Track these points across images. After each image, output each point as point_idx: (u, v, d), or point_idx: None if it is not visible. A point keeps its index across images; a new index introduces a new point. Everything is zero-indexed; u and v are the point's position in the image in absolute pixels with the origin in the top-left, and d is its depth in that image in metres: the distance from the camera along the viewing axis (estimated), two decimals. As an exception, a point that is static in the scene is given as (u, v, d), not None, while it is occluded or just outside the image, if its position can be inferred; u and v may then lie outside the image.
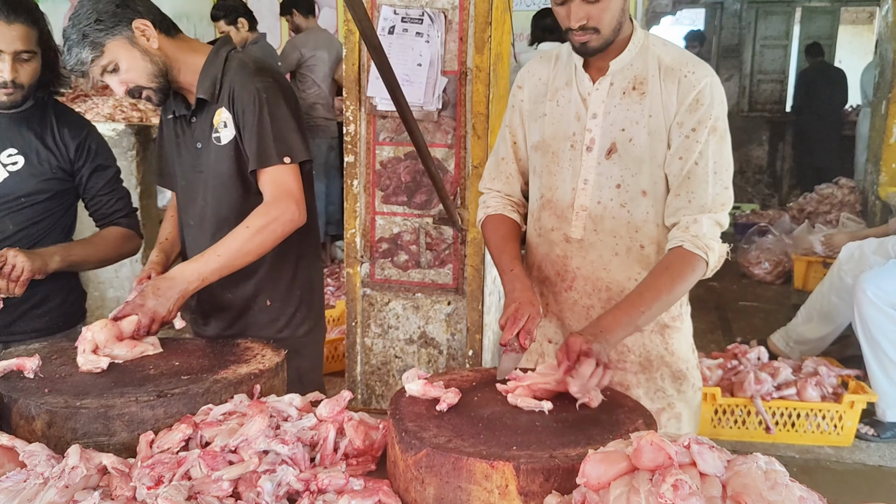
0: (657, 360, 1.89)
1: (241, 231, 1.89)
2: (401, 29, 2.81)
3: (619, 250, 1.84)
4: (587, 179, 1.82)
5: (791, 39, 10.07)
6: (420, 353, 3.05)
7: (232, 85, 1.95)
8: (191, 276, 1.85)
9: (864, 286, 3.65)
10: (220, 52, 1.99)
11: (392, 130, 2.90)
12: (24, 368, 1.58)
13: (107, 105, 4.68)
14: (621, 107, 1.78)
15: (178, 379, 1.58)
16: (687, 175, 1.73)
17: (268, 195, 1.94)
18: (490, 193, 2.00)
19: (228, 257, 1.87)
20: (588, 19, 1.68)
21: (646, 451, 1.05)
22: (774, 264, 6.21)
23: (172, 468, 1.29)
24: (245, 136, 1.94)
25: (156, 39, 1.90)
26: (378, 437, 1.47)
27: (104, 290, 4.71)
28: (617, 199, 1.81)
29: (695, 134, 1.73)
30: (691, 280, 1.72)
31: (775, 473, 1.05)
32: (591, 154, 1.81)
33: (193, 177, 2.06)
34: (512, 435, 1.33)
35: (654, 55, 1.78)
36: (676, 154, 1.75)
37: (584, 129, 1.81)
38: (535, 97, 1.91)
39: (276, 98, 1.95)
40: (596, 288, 1.87)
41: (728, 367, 3.78)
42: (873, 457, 3.51)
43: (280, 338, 2.04)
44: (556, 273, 1.92)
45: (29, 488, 1.25)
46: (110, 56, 1.86)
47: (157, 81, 1.92)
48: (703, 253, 1.70)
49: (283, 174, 1.93)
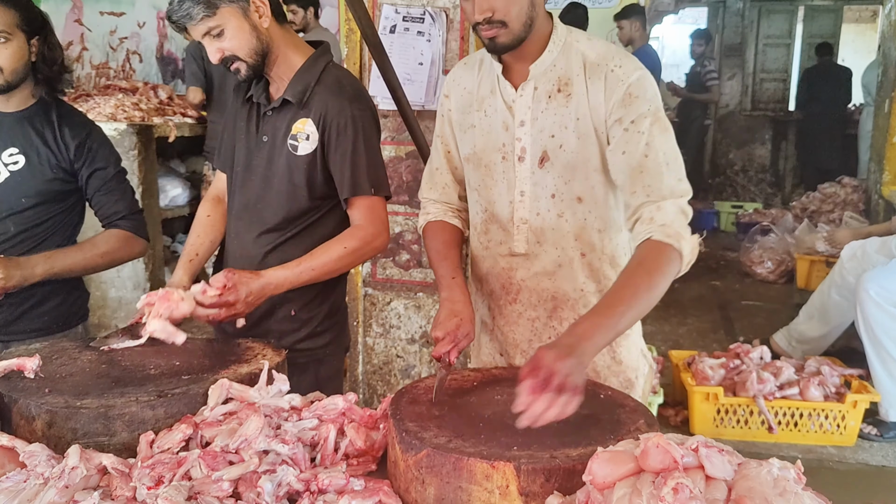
0: (604, 370, 1.84)
1: (338, 250, 1.93)
2: (402, 28, 2.81)
3: (562, 261, 1.78)
4: (523, 191, 1.75)
5: (794, 38, 10.05)
6: (422, 352, 3.04)
7: (326, 102, 1.95)
8: (280, 284, 1.88)
9: (867, 285, 3.64)
10: (319, 61, 1.99)
11: (393, 129, 2.90)
12: (25, 368, 1.57)
13: (108, 105, 4.68)
14: (548, 112, 1.69)
15: (178, 379, 1.58)
16: (639, 169, 1.62)
17: (361, 219, 1.98)
18: (429, 202, 1.95)
19: (320, 273, 1.93)
20: (493, 12, 1.59)
21: (652, 453, 1.05)
22: (777, 263, 6.20)
23: (173, 468, 1.28)
24: (335, 158, 1.95)
25: (268, 20, 1.90)
26: (379, 437, 1.47)
27: (105, 290, 4.71)
28: (554, 210, 1.74)
29: (635, 126, 1.62)
30: (669, 272, 1.56)
31: (786, 481, 1.03)
32: (524, 164, 1.73)
33: (248, 167, 2.03)
34: (512, 435, 1.33)
35: (578, 52, 1.69)
36: (618, 149, 1.64)
37: (514, 138, 1.73)
38: (461, 107, 1.83)
39: (371, 128, 1.99)
40: (541, 299, 1.81)
41: (730, 367, 3.77)
42: (876, 456, 3.50)
43: (300, 348, 2.03)
44: (500, 286, 1.86)
45: (29, 488, 1.24)
46: (220, 20, 1.84)
47: (255, 59, 1.91)
48: (675, 241, 1.56)
49: (376, 203, 1.99)
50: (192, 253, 2.11)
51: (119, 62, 6.83)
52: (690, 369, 3.81)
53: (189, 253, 2.11)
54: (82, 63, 6.86)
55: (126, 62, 6.80)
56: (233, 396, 1.51)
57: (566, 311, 1.81)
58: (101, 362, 1.68)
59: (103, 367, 1.65)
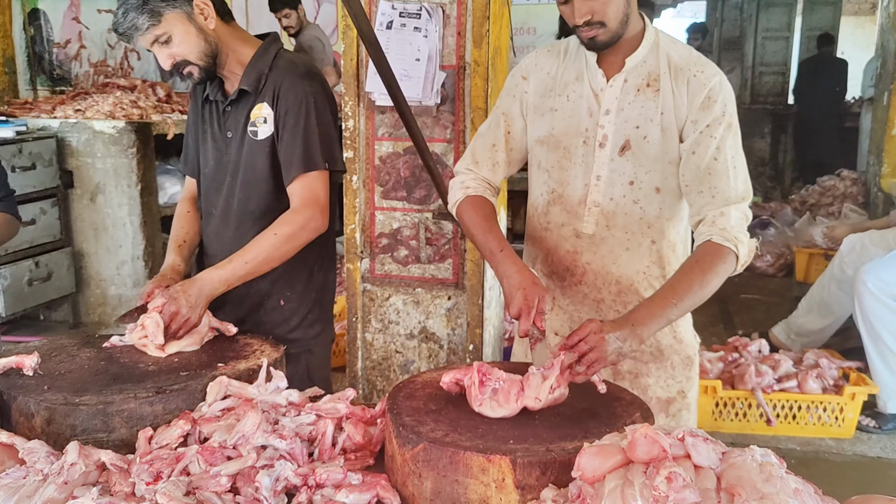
0: (668, 348, 1.92)
1: (269, 238, 1.91)
2: (399, 24, 2.81)
3: (630, 245, 1.85)
4: (600, 176, 1.82)
5: (793, 31, 10.02)
6: (421, 347, 3.05)
7: (279, 83, 1.97)
8: (217, 283, 1.86)
9: (865, 277, 3.64)
10: (270, 49, 2.02)
11: (391, 125, 2.90)
12: (24, 366, 1.58)
13: (107, 103, 4.68)
14: (635, 104, 1.78)
15: (176, 375, 1.59)
16: (707, 171, 1.73)
17: (295, 201, 1.96)
18: (470, 175, 1.95)
19: (255, 264, 1.90)
20: (593, 14, 1.68)
21: (640, 443, 1.06)
22: (776, 257, 6.20)
23: (171, 464, 1.29)
24: (284, 136, 1.95)
25: (213, 20, 1.92)
26: (376, 431, 1.48)
27: (105, 288, 4.72)
28: (630, 196, 1.81)
29: (709, 130, 1.73)
30: (722, 273, 1.70)
31: (770, 466, 1.05)
32: (604, 150, 1.81)
33: (219, 165, 2.05)
34: (509, 429, 1.34)
35: (665, 52, 1.78)
36: (690, 150, 1.75)
37: (597, 125, 1.80)
38: (542, 91, 1.89)
39: (322, 104, 1.99)
40: (606, 282, 1.88)
41: (729, 360, 3.78)
42: (874, 448, 3.51)
43: (291, 338, 2.05)
44: (564, 268, 1.91)
45: (28, 485, 1.25)
46: (166, 27, 1.86)
47: (206, 61, 1.93)
48: (733, 245, 1.69)
49: (313, 181, 1.96)
50: (179, 240, 2.12)
51: (117, 60, 6.83)
52: (689, 363, 3.81)
53: (177, 240, 2.12)
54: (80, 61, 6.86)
55: (124, 60, 6.80)
56: (231, 393, 1.52)
57: (630, 294, 1.88)
58: (100, 359, 1.69)
59: (102, 364, 1.66)
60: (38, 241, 4.44)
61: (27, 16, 6.69)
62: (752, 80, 9.99)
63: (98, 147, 4.52)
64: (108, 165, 4.52)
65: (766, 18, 9.91)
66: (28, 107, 4.99)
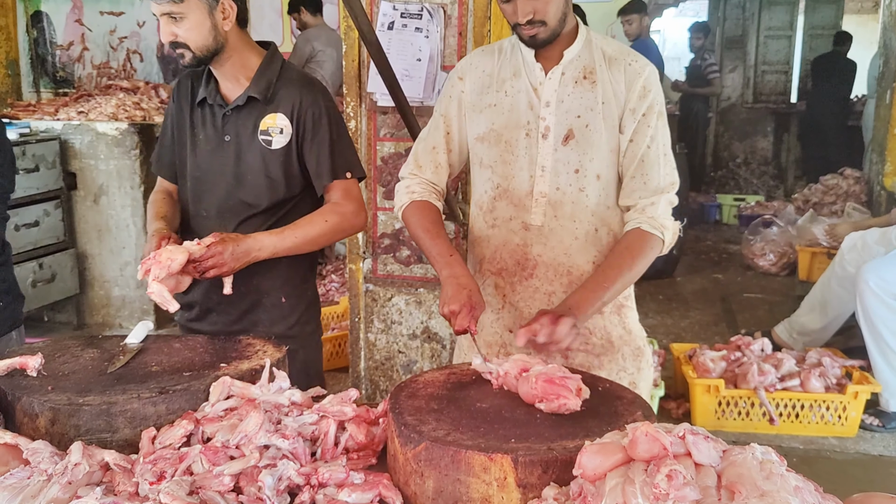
0: (618, 339, 1.95)
1: (319, 222, 2.01)
2: (400, 24, 2.82)
3: (578, 234, 1.89)
4: (545, 166, 1.86)
5: (795, 30, 10.00)
6: (423, 347, 3.06)
7: (296, 96, 2.02)
8: (266, 247, 1.94)
9: (866, 276, 3.64)
10: (275, 59, 2.07)
11: (392, 126, 2.91)
12: (27, 366, 1.59)
13: (110, 104, 4.70)
14: (574, 95, 1.84)
15: (179, 375, 1.60)
16: (641, 158, 1.83)
17: (339, 199, 2.06)
18: (415, 179, 1.99)
19: (303, 241, 2.00)
20: (535, 13, 1.75)
21: (641, 441, 1.06)
22: (779, 255, 6.20)
23: (174, 464, 1.30)
24: (312, 148, 2.03)
25: (231, 23, 1.96)
26: (379, 431, 1.48)
27: (109, 289, 4.73)
28: (576, 185, 1.86)
29: (645, 119, 1.83)
30: (650, 258, 1.83)
31: (771, 463, 1.05)
32: (547, 141, 1.85)
33: (213, 168, 2.06)
34: (510, 427, 1.34)
35: (598, 47, 1.86)
36: (629, 137, 1.83)
37: (538, 117, 1.86)
38: (478, 89, 1.93)
39: (339, 117, 2.09)
40: (557, 273, 1.91)
41: (732, 359, 3.78)
42: (877, 447, 3.51)
43: (290, 335, 2.08)
44: (515, 262, 1.93)
45: (33, 485, 1.26)
46: (185, 8, 1.89)
47: (204, 53, 1.96)
48: (660, 233, 1.82)
49: (352, 185, 2.09)
50: (158, 214, 2.11)
51: (120, 62, 6.84)
52: (692, 362, 3.82)
53: (156, 214, 2.11)
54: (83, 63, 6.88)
55: (127, 62, 6.81)
56: (234, 394, 1.52)
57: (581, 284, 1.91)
58: (104, 360, 1.69)
59: (105, 365, 1.66)
60: (41, 243, 4.46)
61: (30, 18, 6.71)
62: (754, 79, 9.97)
63: (101, 149, 4.54)
64: (111, 167, 4.54)
65: (769, 17, 9.89)
66: (31, 109, 5.01)
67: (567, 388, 1.39)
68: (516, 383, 1.48)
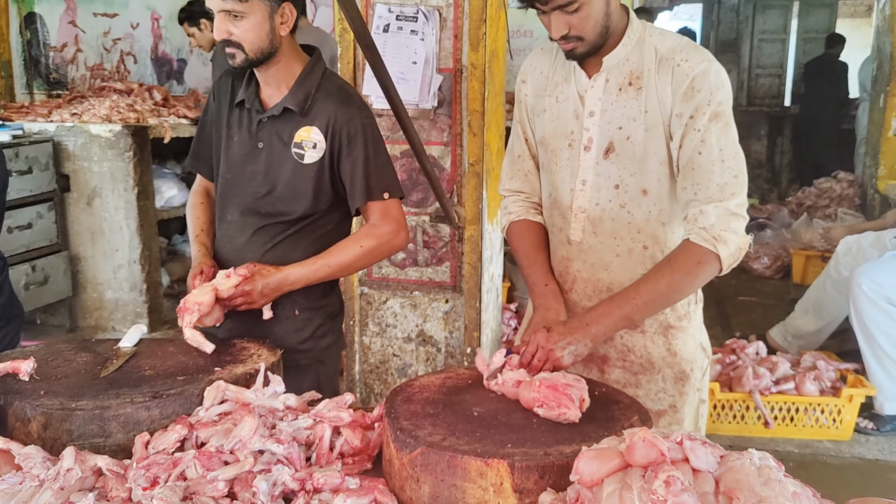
0: (659, 360, 1.84)
1: (354, 248, 1.97)
2: (395, 27, 2.81)
3: (619, 252, 1.79)
4: (585, 180, 1.78)
5: (789, 33, 10.06)
6: (418, 351, 3.05)
7: (332, 111, 1.95)
8: (298, 280, 1.93)
9: (860, 279, 3.64)
10: (317, 68, 2.00)
11: (388, 129, 2.90)
12: (20, 371, 1.57)
13: (103, 106, 4.68)
14: (618, 104, 1.73)
15: (173, 380, 1.59)
16: (690, 165, 1.67)
17: (376, 218, 2.00)
18: (510, 197, 1.95)
19: (337, 270, 1.98)
20: (570, 29, 1.65)
21: (638, 447, 1.05)
22: (773, 259, 6.21)
23: (168, 469, 1.29)
24: (347, 166, 1.97)
25: (287, 28, 1.92)
26: (374, 436, 1.47)
27: (102, 292, 4.71)
28: (616, 200, 1.76)
29: (693, 122, 1.66)
30: (698, 273, 1.65)
31: (769, 469, 1.05)
32: (589, 154, 1.76)
33: (243, 174, 2.01)
34: (507, 432, 1.34)
35: (651, 46, 1.72)
36: (678, 144, 1.69)
37: (582, 127, 1.77)
38: (537, 91, 1.87)
39: (378, 134, 2.02)
40: (597, 290, 1.83)
41: (727, 363, 3.78)
42: (872, 451, 3.51)
43: (302, 349, 2.03)
44: (559, 274, 1.87)
45: (25, 490, 1.25)
46: (248, 8, 1.83)
47: (257, 56, 1.90)
48: (712, 245, 1.63)
49: (391, 206, 2.01)
50: (198, 229, 2.12)
51: (113, 63, 6.82)
52: (687, 365, 3.81)
53: (195, 229, 2.12)
54: (77, 64, 6.85)
55: (120, 63, 6.80)
56: (228, 398, 1.51)
57: None
58: (97, 363, 1.68)
59: (98, 369, 1.65)
60: (34, 245, 4.43)
61: (23, 19, 6.69)
62: (748, 83, 10.02)
63: (94, 151, 4.52)
64: (104, 169, 4.52)
65: (763, 21, 9.94)
66: (24, 111, 4.99)
67: (569, 397, 1.38)
68: (515, 389, 1.48)
